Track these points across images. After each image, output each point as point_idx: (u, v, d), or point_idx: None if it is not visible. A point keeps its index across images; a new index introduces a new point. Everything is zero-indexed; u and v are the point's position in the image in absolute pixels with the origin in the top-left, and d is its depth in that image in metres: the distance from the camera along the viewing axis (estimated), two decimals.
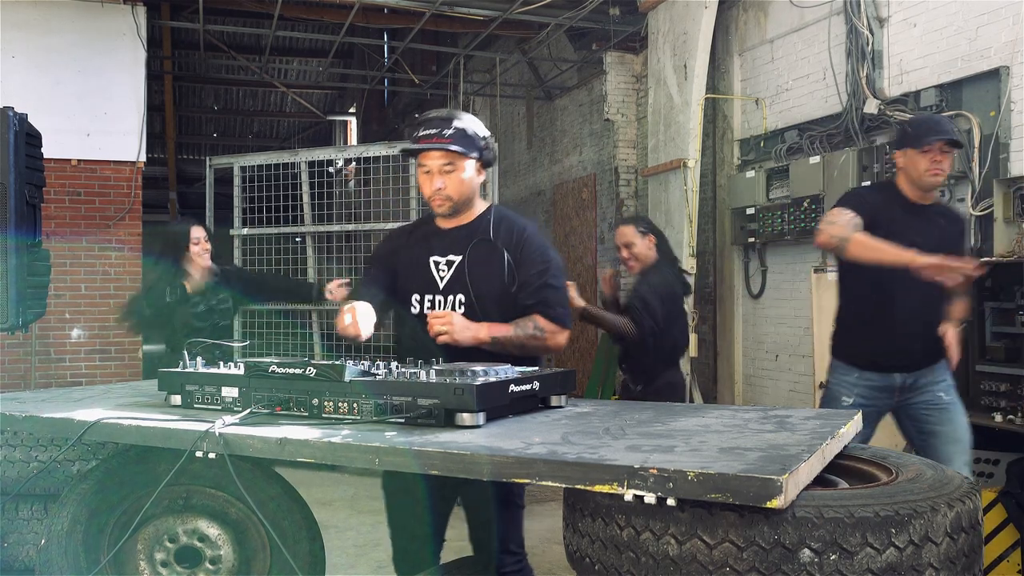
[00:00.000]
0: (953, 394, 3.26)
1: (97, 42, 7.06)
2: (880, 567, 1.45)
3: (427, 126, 2.52)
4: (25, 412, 2.29)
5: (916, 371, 3.24)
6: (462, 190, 2.55)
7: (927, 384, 3.24)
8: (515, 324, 2.49)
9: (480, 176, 2.60)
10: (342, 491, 5.79)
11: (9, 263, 3.30)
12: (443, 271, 2.57)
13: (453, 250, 2.59)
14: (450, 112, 2.57)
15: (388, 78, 12.02)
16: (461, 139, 2.50)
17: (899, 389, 3.27)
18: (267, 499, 2.41)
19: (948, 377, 3.26)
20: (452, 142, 2.48)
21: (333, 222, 7.57)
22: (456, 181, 2.53)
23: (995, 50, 4.64)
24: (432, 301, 2.56)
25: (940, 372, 3.25)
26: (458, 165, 2.52)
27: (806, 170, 5.84)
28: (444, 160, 2.51)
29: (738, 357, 6.90)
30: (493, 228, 2.58)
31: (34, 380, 6.78)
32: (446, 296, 2.55)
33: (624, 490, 1.49)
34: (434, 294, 2.56)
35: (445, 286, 2.56)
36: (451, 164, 2.51)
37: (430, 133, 2.50)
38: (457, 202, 2.57)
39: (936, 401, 3.24)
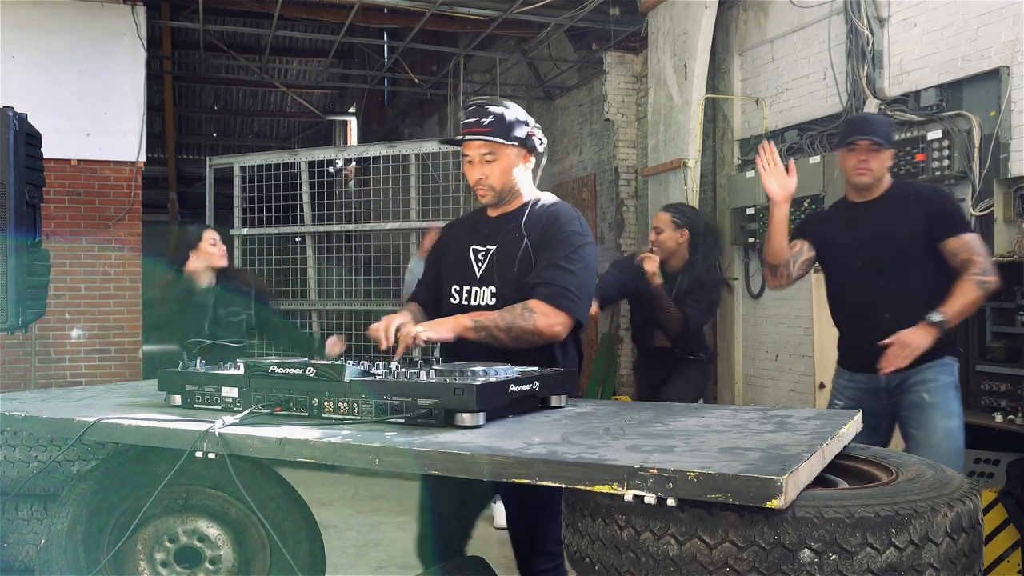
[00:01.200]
0: (939, 395, 3.07)
1: (97, 42, 7.06)
2: (880, 567, 1.45)
3: (468, 115, 2.49)
4: (25, 412, 2.29)
5: (902, 371, 3.07)
6: (504, 179, 2.50)
7: (914, 384, 3.10)
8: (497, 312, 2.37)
9: (526, 163, 2.55)
10: (342, 491, 5.79)
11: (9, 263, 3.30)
12: (480, 261, 2.53)
13: (492, 240, 2.54)
14: (491, 99, 2.53)
15: (388, 78, 12.03)
16: (499, 127, 2.46)
17: (886, 391, 3.16)
18: (267, 499, 2.41)
19: (941, 377, 3.09)
20: (490, 131, 2.45)
21: (333, 222, 7.58)
22: (497, 170, 2.49)
23: (995, 50, 4.64)
24: (469, 292, 2.51)
25: (931, 372, 3.09)
26: (499, 154, 2.47)
27: (806, 170, 5.84)
28: (485, 149, 2.47)
29: (738, 357, 6.90)
30: (527, 215, 2.51)
31: (34, 380, 6.79)
32: (481, 287, 2.49)
33: (624, 490, 1.49)
34: (471, 285, 2.51)
35: (481, 276, 2.51)
36: (492, 153, 2.47)
37: (470, 122, 2.47)
38: (500, 191, 2.52)
39: (917, 402, 3.10)
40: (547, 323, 2.35)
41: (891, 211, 3.19)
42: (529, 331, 2.35)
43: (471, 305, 2.49)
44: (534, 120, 2.59)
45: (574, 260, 2.42)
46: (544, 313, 2.35)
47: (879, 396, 3.19)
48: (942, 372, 3.09)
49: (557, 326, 2.37)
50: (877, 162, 3.17)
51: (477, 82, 10.58)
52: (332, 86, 14.39)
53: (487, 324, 2.33)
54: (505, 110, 2.49)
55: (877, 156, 3.17)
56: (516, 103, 2.59)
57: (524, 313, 2.34)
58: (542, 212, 2.53)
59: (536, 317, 2.34)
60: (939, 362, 3.09)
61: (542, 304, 2.36)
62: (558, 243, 2.44)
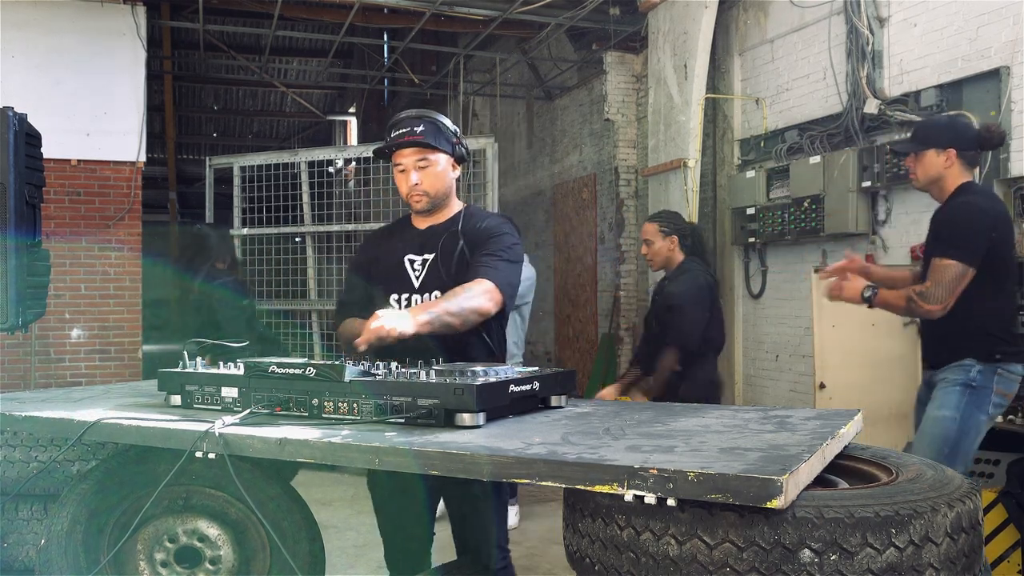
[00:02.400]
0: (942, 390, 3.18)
1: (97, 42, 7.06)
2: (880, 567, 1.45)
3: (399, 126, 2.58)
4: (25, 412, 2.29)
5: (934, 368, 3.26)
6: (438, 185, 2.58)
7: (938, 383, 3.22)
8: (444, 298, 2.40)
9: (454, 172, 2.64)
10: (342, 491, 5.79)
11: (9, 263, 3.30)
12: (418, 270, 2.58)
13: (427, 248, 2.59)
14: (419, 111, 2.62)
15: (388, 78, 12.03)
16: (432, 135, 2.54)
17: (929, 385, 3.29)
18: (267, 499, 2.40)
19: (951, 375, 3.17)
20: (423, 137, 2.53)
21: (333, 222, 7.57)
22: (431, 176, 2.56)
23: (995, 50, 4.64)
24: (409, 300, 2.55)
25: (948, 371, 3.19)
26: (431, 160, 2.56)
27: (806, 170, 5.84)
28: (418, 156, 2.55)
29: (738, 357, 6.90)
30: (463, 221, 2.61)
31: (34, 380, 6.78)
32: (422, 295, 2.54)
33: (624, 490, 1.49)
34: (410, 293, 2.56)
35: (420, 284, 2.56)
36: (425, 159, 2.55)
37: (402, 132, 2.55)
38: (434, 197, 2.59)
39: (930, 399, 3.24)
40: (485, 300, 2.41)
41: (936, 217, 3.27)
42: (474, 310, 2.39)
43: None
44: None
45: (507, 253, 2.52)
46: (486, 291, 2.42)
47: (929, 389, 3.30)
48: (955, 371, 3.17)
49: (491, 303, 2.43)
50: (920, 166, 3.24)
51: (477, 82, 10.58)
52: (332, 86, 14.39)
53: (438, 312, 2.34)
54: (435, 119, 2.58)
55: (919, 160, 3.24)
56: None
57: (466, 294, 2.39)
58: (477, 219, 2.63)
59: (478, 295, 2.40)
60: (956, 363, 3.18)
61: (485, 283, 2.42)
62: (493, 240, 2.54)
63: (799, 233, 5.94)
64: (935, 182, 3.23)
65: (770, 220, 6.22)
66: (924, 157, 3.22)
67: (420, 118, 2.57)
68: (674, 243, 4.21)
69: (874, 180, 5.33)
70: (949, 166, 3.19)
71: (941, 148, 3.18)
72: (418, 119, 2.57)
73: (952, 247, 3.08)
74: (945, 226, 3.17)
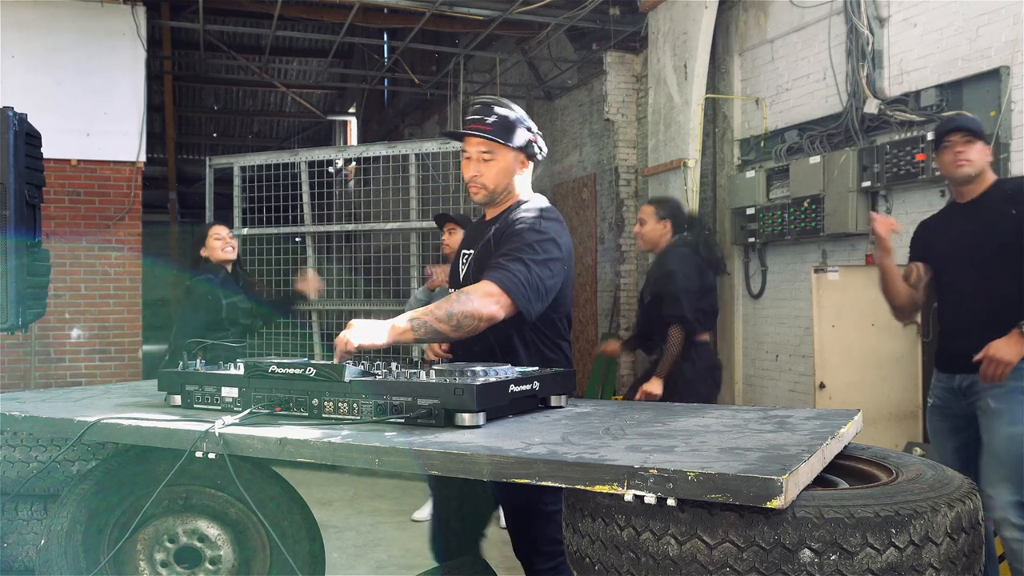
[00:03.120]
0: (1004, 400, 2.98)
1: (97, 42, 7.06)
2: (880, 567, 1.45)
3: (473, 112, 2.48)
4: (25, 412, 2.29)
5: (972, 373, 3.05)
6: (498, 180, 2.48)
7: (985, 388, 3.03)
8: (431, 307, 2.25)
9: (523, 168, 2.52)
10: (342, 491, 5.80)
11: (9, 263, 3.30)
12: (463, 265, 2.56)
13: (476, 243, 2.54)
14: (497, 100, 2.51)
15: (388, 78, 12.02)
16: (501, 129, 2.44)
17: (961, 391, 3.14)
18: (267, 499, 2.41)
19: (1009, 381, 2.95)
20: (491, 130, 2.43)
21: (333, 222, 7.58)
22: (492, 170, 2.47)
23: (995, 50, 4.64)
24: None
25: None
26: (496, 155, 2.45)
27: (806, 170, 5.84)
28: (483, 148, 2.46)
29: (738, 357, 6.90)
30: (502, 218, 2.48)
31: (34, 380, 6.78)
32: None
33: (624, 490, 1.49)
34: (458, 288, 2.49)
35: (463, 279, 2.52)
36: (490, 152, 2.46)
37: (474, 119, 2.45)
38: (492, 192, 2.49)
39: (984, 407, 3.04)
40: (484, 304, 2.23)
41: (985, 212, 3.14)
42: (468, 314, 2.22)
43: None
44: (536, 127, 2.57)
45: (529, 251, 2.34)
46: (487, 293, 2.25)
47: (957, 397, 3.18)
48: (1012, 377, 2.96)
49: (495, 306, 2.25)
50: (975, 152, 3.10)
51: (477, 82, 10.58)
52: (332, 86, 14.38)
53: (424, 319, 2.21)
54: (510, 112, 2.47)
55: (973, 147, 3.11)
56: (519, 106, 2.58)
57: (460, 297, 2.24)
58: (516, 213, 2.47)
59: (473, 299, 2.23)
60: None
61: (486, 284, 2.27)
62: (514, 236, 2.38)
63: (799, 233, 5.94)
64: (981, 174, 3.13)
65: (770, 220, 6.22)
66: (979, 147, 3.12)
67: (493, 108, 2.44)
68: (666, 228, 4.27)
69: (874, 180, 5.33)
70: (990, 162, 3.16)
71: (986, 144, 3.16)
72: (492, 108, 2.44)
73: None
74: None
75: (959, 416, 3.19)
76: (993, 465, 2.98)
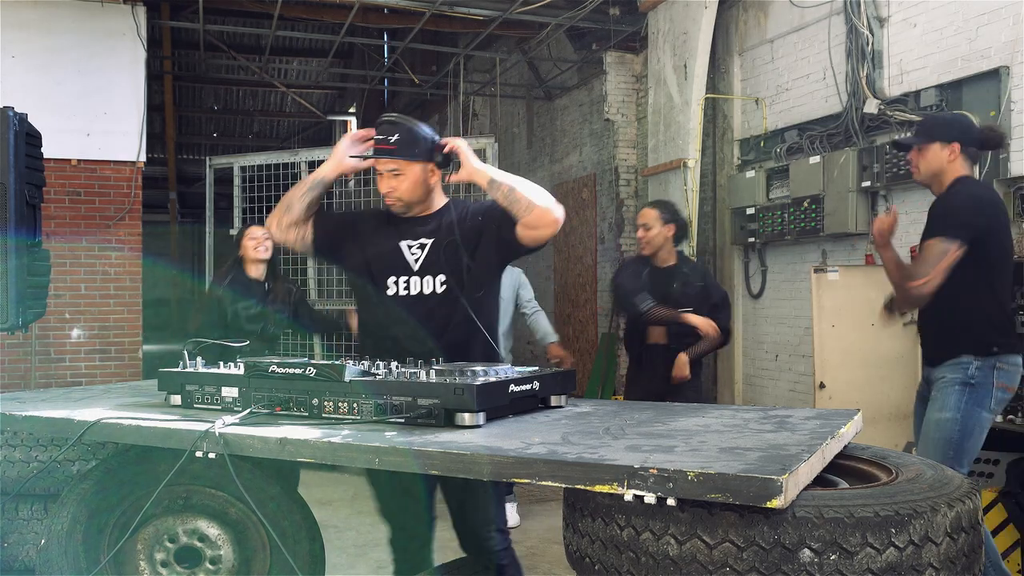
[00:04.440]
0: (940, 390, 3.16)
1: (97, 42, 7.05)
2: (880, 567, 1.45)
3: (378, 131, 2.63)
4: (25, 412, 2.29)
5: (933, 366, 3.24)
6: (413, 192, 2.64)
7: (935, 381, 3.21)
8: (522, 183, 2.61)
9: (434, 176, 2.68)
10: (342, 491, 5.79)
11: (9, 263, 3.30)
12: (416, 253, 2.66)
13: (423, 235, 2.68)
14: (398, 118, 2.66)
15: (388, 78, 12.02)
16: (405, 146, 2.59)
17: (927, 380, 3.29)
18: (267, 499, 2.41)
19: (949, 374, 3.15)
20: (395, 149, 2.59)
21: None
22: (404, 184, 2.63)
23: (995, 50, 4.64)
24: (408, 282, 2.64)
25: (945, 369, 3.17)
26: (405, 170, 2.61)
27: (806, 170, 5.84)
28: (391, 165, 2.61)
29: (738, 357, 6.90)
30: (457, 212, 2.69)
31: (34, 380, 6.78)
32: (422, 277, 2.63)
33: (624, 490, 1.49)
34: (409, 275, 2.64)
35: (420, 267, 2.64)
36: (397, 169, 2.61)
37: (379, 139, 2.62)
38: (409, 202, 2.66)
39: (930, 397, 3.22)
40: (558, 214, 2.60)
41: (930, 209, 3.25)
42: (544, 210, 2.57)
43: (411, 295, 2.63)
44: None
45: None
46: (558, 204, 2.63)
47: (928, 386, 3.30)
48: (952, 370, 3.15)
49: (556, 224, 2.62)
50: (923, 159, 3.22)
51: (477, 82, 10.57)
52: (332, 86, 14.38)
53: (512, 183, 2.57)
54: (413, 128, 2.62)
55: (923, 154, 3.23)
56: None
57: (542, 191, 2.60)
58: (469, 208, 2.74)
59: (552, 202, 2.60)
60: (953, 360, 3.16)
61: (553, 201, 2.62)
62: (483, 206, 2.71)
63: (799, 233, 5.94)
64: (936, 175, 3.21)
65: (770, 220, 6.22)
66: (928, 150, 3.20)
67: (394, 127, 2.61)
68: (671, 231, 4.28)
69: (874, 180, 5.33)
70: (952, 160, 3.18)
71: (946, 142, 3.18)
72: (392, 128, 2.61)
73: (937, 229, 3.10)
74: (935, 212, 3.19)
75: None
76: (923, 448, 3.17)
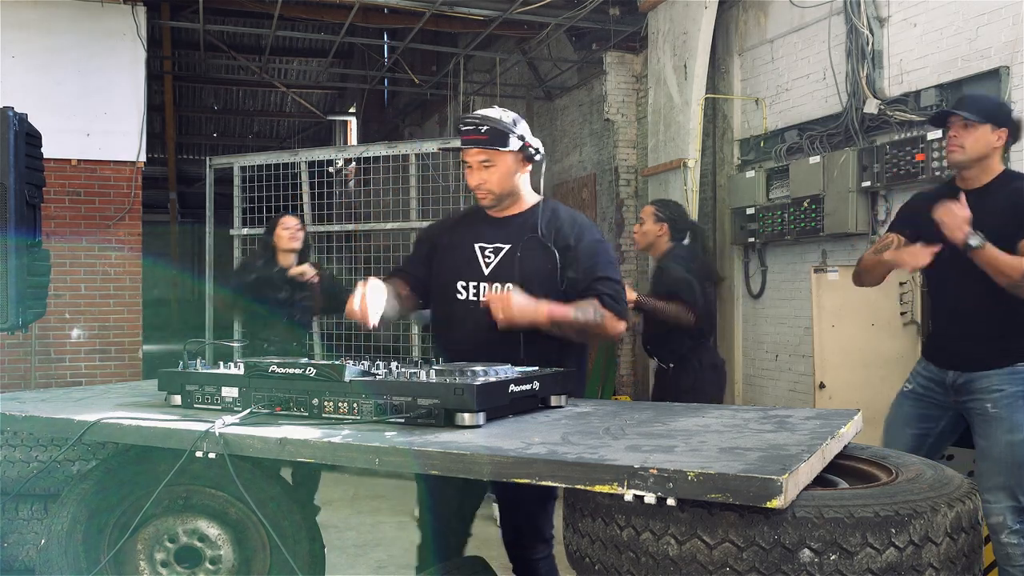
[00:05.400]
0: (1004, 406, 2.88)
1: (97, 42, 7.05)
2: (880, 567, 1.45)
3: (467, 123, 2.59)
4: (25, 412, 2.29)
5: (967, 372, 2.96)
6: (503, 184, 2.59)
7: (980, 390, 2.93)
8: (575, 306, 2.48)
9: (523, 169, 2.64)
10: (342, 491, 5.79)
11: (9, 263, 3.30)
12: (489, 258, 2.60)
13: (501, 238, 2.62)
14: (488, 109, 2.63)
15: (388, 78, 12.02)
16: (495, 136, 2.54)
17: (951, 387, 3.02)
18: (267, 499, 2.41)
19: (1008, 386, 2.88)
20: (487, 139, 2.54)
21: (333, 222, 7.57)
22: (496, 176, 2.58)
23: (995, 50, 4.64)
24: (477, 288, 2.58)
25: (999, 379, 2.90)
26: (496, 160, 2.56)
27: (806, 170, 5.84)
28: (483, 156, 2.57)
29: (738, 357, 6.89)
30: (545, 222, 2.61)
31: (34, 380, 6.78)
32: (491, 283, 2.57)
33: (624, 490, 1.49)
34: (479, 281, 2.58)
35: (491, 273, 2.58)
36: (489, 160, 2.56)
37: (468, 130, 2.57)
38: (499, 195, 2.61)
39: (982, 412, 2.93)
40: (615, 328, 2.56)
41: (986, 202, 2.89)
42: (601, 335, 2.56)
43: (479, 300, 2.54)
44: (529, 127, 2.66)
45: (609, 268, 2.61)
46: (611, 318, 2.52)
47: (944, 390, 3.06)
48: (1010, 381, 2.88)
49: (621, 328, 2.58)
50: (971, 139, 2.90)
51: (477, 82, 10.57)
52: (332, 86, 14.38)
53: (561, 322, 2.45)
54: (502, 117, 2.57)
55: (971, 132, 2.90)
56: (515, 106, 2.63)
57: (596, 318, 2.49)
58: (559, 216, 2.64)
59: (606, 322, 2.51)
60: (1008, 369, 2.90)
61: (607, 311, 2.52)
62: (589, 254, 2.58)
63: (799, 233, 5.94)
64: (981, 160, 2.92)
65: (770, 220, 6.22)
66: (979, 129, 2.89)
67: (486, 116, 2.57)
68: (663, 230, 4.27)
69: (874, 180, 5.33)
70: (998, 147, 2.92)
71: (998, 125, 2.91)
72: (484, 117, 2.57)
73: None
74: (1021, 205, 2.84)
75: (937, 407, 3.09)
76: (991, 471, 2.91)
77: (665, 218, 4.29)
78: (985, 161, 2.94)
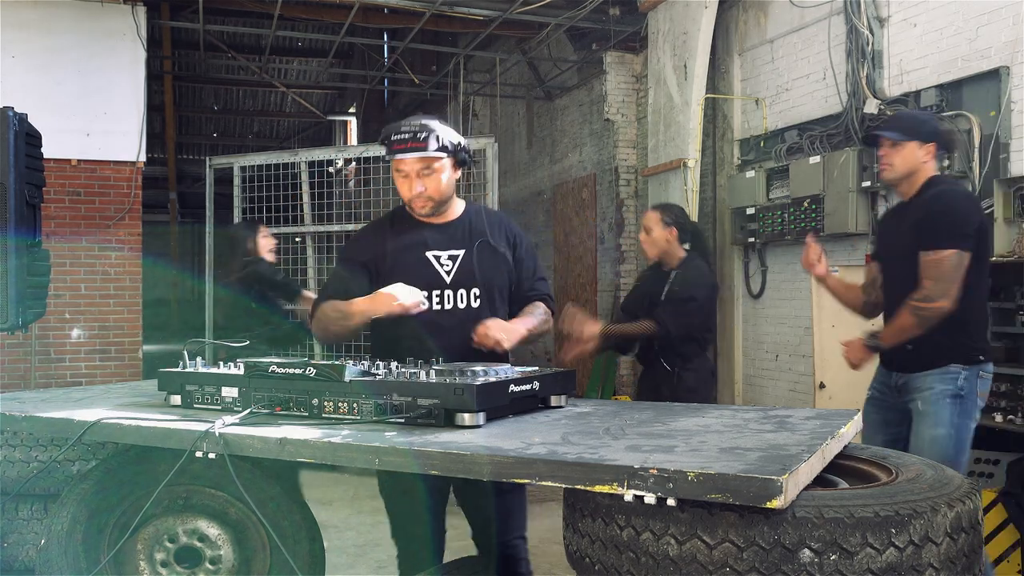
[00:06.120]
0: (931, 404, 3.00)
1: (97, 42, 7.06)
2: (880, 567, 1.45)
3: (401, 132, 2.58)
4: (25, 412, 2.29)
5: (907, 373, 3.09)
6: (442, 190, 2.62)
7: (915, 390, 3.06)
8: (531, 314, 2.67)
9: (456, 175, 2.68)
10: (342, 491, 5.79)
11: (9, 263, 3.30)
12: (447, 265, 2.63)
13: (452, 245, 2.65)
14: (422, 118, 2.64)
15: (388, 78, 12.03)
16: (435, 142, 2.57)
17: (895, 388, 3.16)
18: (267, 499, 2.40)
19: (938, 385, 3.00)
20: (426, 144, 2.55)
21: (333, 222, 7.57)
22: (436, 182, 2.60)
23: (995, 50, 4.64)
24: (440, 296, 2.60)
25: (930, 379, 3.02)
26: (436, 167, 2.59)
27: (806, 170, 5.84)
28: (421, 164, 2.58)
29: (738, 357, 6.89)
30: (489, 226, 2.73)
31: (34, 380, 6.78)
32: (455, 290, 2.61)
33: (624, 490, 1.49)
34: (442, 289, 2.61)
35: (452, 280, 2.61)
36: (428, 167, 2.58)
37: (404, 138, 2.56)
38: (439, 202, 2.64)
39: (914, 409, 3.06)
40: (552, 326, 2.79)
41: (911, 213, 3.09)
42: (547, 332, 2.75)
43: (446, 309, 2.60)
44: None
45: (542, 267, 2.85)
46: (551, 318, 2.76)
47: (893, 391, 3.19)
48: (940, 380, 3.00)
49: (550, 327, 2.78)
50: (899, 157, 3.08)
51: (477, 82, 10.57)
52: (332, 86, 14.39)
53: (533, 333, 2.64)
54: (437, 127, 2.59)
55: (898, 151, 3.08)
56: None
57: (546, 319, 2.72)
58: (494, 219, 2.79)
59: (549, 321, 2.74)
60: (940, 370, 3.01)
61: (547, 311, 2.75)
62: (530, 256, 2.79)
63: (799, 233, 5.94)
64: (909, 176, 3.09)
65: (770, 220, 6.22)
66: (905, 148, 3.07)
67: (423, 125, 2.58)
68: (673, 235, 4.22)
69: (874, 180, 5.33)
70: (927, 161, 3.07)
71: (924, 141, 3.06)
72: (421, 126, 2.57)
73: (943, 237, 2.93)
74: (929, 219, 2.98)
75: (894, 410, 3.18)
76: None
77: (672, 222, 4.25)
78: (915, 176, 3.11)
